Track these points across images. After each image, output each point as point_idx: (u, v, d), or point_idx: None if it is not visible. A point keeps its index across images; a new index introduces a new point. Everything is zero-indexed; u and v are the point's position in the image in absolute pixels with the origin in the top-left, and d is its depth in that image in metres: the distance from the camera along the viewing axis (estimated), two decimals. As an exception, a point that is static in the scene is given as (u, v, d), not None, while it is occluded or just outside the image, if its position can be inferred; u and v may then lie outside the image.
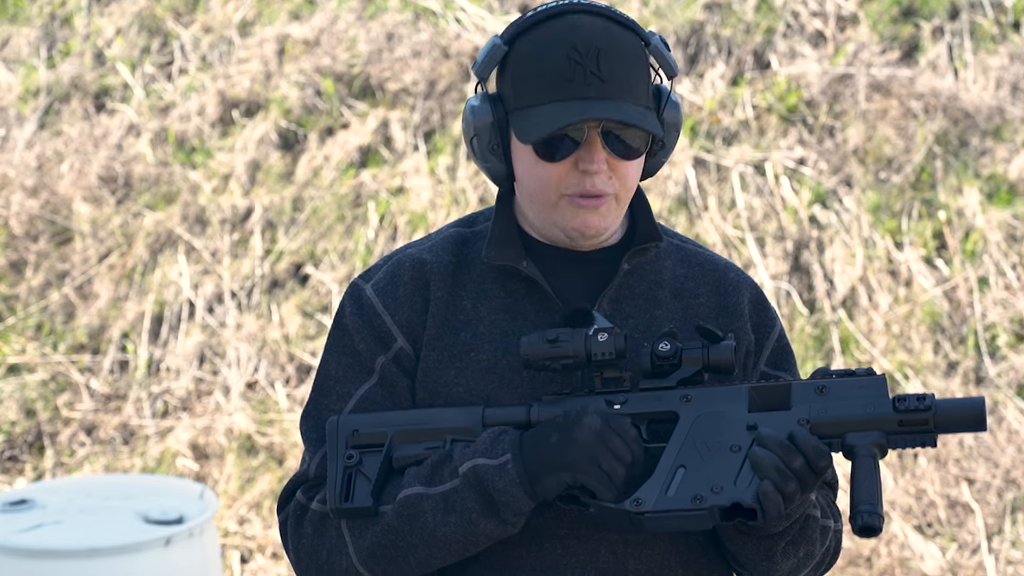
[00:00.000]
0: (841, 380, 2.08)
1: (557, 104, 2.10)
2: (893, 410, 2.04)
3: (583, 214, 2.16)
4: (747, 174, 6.62)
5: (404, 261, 2.24)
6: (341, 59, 7.41)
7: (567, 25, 2.12)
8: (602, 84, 2.09)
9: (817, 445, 2.03)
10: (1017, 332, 6.03)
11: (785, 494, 2.02)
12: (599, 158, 2.12)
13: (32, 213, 7.29)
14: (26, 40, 8.20)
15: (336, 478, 2.13)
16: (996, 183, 6.40)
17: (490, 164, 2.21)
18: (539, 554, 2.16)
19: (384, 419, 2.16)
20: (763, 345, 2.28)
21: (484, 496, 2.07)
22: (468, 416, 2.14)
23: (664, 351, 2.11)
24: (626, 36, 2.13)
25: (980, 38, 6.85)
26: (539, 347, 2.10)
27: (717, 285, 2.27)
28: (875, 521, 2.00)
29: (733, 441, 2.06)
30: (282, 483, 6.12)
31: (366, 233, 6.86)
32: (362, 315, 2.22)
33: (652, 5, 7.18)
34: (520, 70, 2.14)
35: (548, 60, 2.11)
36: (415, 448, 2.14)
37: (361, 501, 2.12)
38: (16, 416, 6.58)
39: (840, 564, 5.45)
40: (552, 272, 2.22)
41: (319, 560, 2.18)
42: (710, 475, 2.04)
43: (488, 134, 2.18)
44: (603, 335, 2.09)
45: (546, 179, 2.15)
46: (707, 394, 2.11)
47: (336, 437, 2.16)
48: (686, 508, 2.03)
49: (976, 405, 2.04)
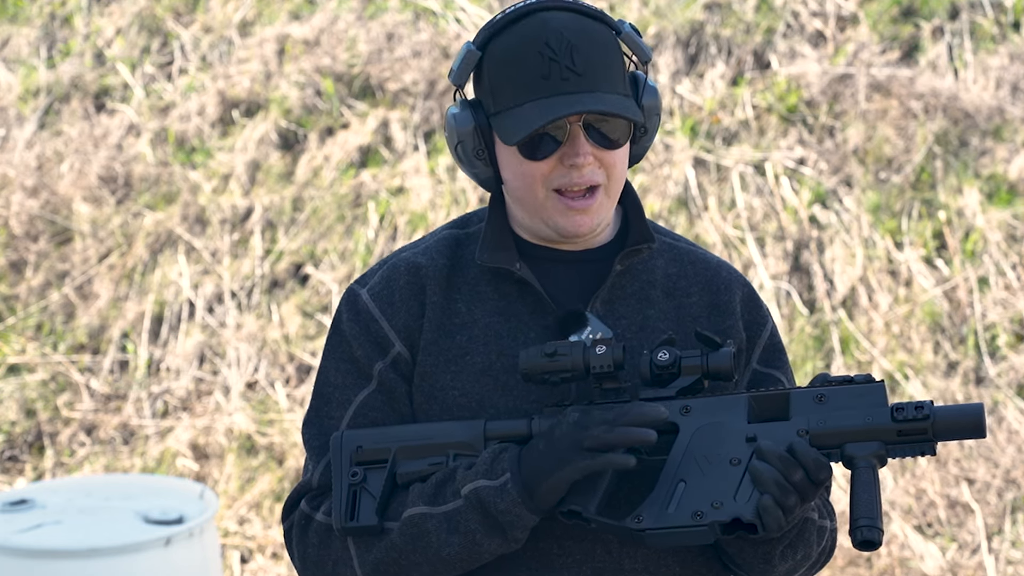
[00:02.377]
0: (840, 388, 2.07)
1: (535, 103, 2.11)
2: (892, 420, 2.03)
3: (573, 215, 2.17)
4: (747, 174, 6.62)
5: (399, 265, 2.25)
6: (341, 59, 7.41)
7: (538, 23, 2.13)
8: (578, 78, 2.11)
9: (817, 457, 2.02)
10: (1017, 332, 6.03)
11: (785, 507, 2.02)
12: (584, 151, 2.13)
13: (32, 213, 7.29)
14: (26, 40, 8.20)
15: (341, 496, 2.13)
16: (996, 183, 6.40)
17: (477, 169, 2.22)
18: (535, 553, 2.16)
19: (387, 435, 2.17)
20: (755, 343, 2.28)
21: (487, 517, 2.08)
22: (470, 430, 2.14)
23: (663, 360, 2.10)
24: (597, 27, 2.15)
25: (980, 38, 6.85)
26: (537, 361, 2.10)
27: (709, 284, 2.27)
28: (875, 535, 1.99)
29: (733, 454, 2.06)
30: (282, 483, 6.13)
31: (366, 233, 6.86)
32: (359, 321, 2.23)
33: (652, 5, 7.18)
34: (496, 73, 2.15)
35: (522, 60, 2.12)
36: (418, 464, 2.14)
37: (366, 520, 2.12)
38: (16, 416, 6.58)
39: (840, 564, 5.45)
40: (545, 274, 2.23)
41: (325, 570, 2.18)
42: (710, 489, 2.04)
43: (472, 140, 2.19)
44: (601, 347, 2.09)
45: (532, 177, 2.16)
46: (707, 404, 2.10)
47: (340, 453, 2.16)
48: (687, 524, 2.03)
49: (975, 412, 2.03)
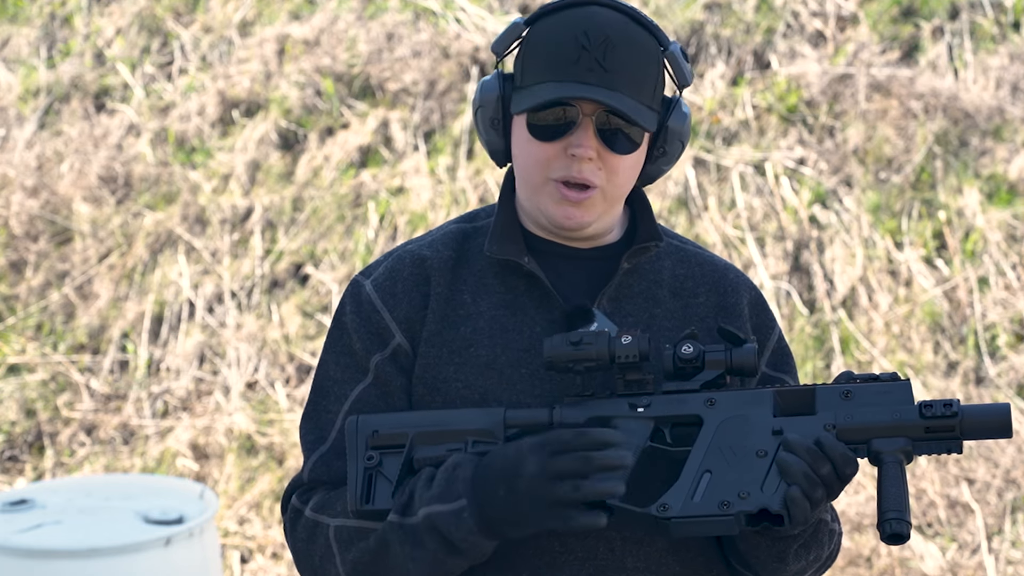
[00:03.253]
0: (866, 386, 2.07)
1: (556, 84, 2.11)
2: (920, 416, 2.03)
3: (566, 206, 2.16)
4: (747, 174, 6.62)
5: (404, 257, 2.24)
6: (341, 59, 7.41)
7: (586, 13, 2.14)
8: (604, 73, 2.10)
9: (844, 452, 2.02)
10: (1017, 332, 6.03)
11: (812, 500, 2.02)
12: (588, 144, 2.13)
13: (32, 213, 7.29)
14: (26, 40, 8.20)
15: (356, 479, 2.12)
16: (996, 183, 6.40)
17: (489, 137, 2.22)
18: (537, 550, 2.15)
19: (405, 420, 2.15)
20: (764, 346, 2.28)
21: (445, 541, 2.06)
22: (489, 417, 2.13)
23: (687, 353, 2.10)
24: (642, 34, 2.15)
25: (980, 38, 6.85)
26: (563, 349, 2.08)
27: (716, 285, 2.27)
28: (903, 528, 2.00)
29: (759, 446, 2.05)
30: (282, 483, 6.13)
31: (366, 233, 6.86)
32: (360, 312, 2.22)
33: (652, 5, 7.18)
34: (532, 51, 2.16)
35: (559, 43, 2.13)
36: (436, 449, 2.13)
37: (382, 503, 2.11)
38: (16, 416, 6.58)
39: (840, 564, 5.45)
40: (553, 269, 2.22)
41: (313, 564, 2.18)
42: (736, 480, 2.03)
43: (492, 108, 2.20)
44: (627, 337, 2.08)
45: (536, 158, 2.16)
46: (731, 398, 2.09)
47: (356, 437, 2.14)
48: (713, 513, 2.02)
49: (1003, 412, 2.03)
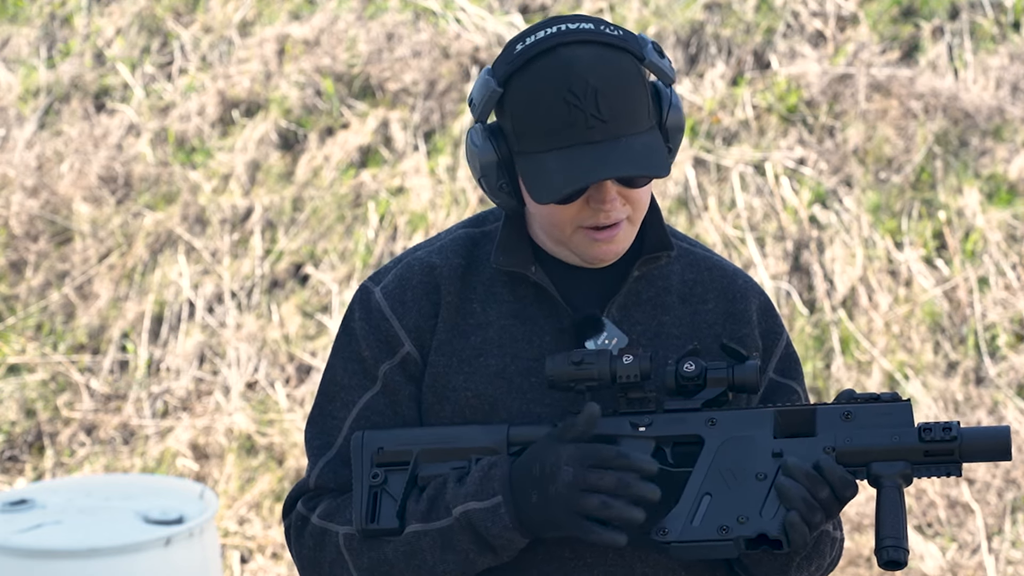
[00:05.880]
0: (867, 407, 2.07)
1: (561, 152, 2.07)
2: (919, 440, 2.04)
3: (600, 245, 2.15)
4: (747, 174, 6.62)
5: (414, 264, 2.23)
6: (341, 59, 7.41)
7: (560, 64, 2.07)
8: (604, 125, 2.06)
9: (843, 475, 2.03)
10: (1017, 332, 6.03)
11: (811, 524, 2.02)
12: (611, 197, 2.11)
13: (32, 213, 7.29)
14: (26, 40, 8.20)
15: (361, 498, 2.12)
16: (996, 183, 6.40)
17: (500, 200, 2.19)
18: (546, 556, 2.16)
19: (409, 437, 2.15)
20: (772, 352, 2.28)
21: (479, 538, 2.07)
22: (493, 435, 2.13)
23: (689, 371, 2.09)
24: (620, 61, 2.09)
25: (980, 38, 6.85)
26: (564, 368, 2.09)
27: (725, 291, 2.27)
28: (901, 556, 2.00)
29: (759, 469, 2.06)
30: (282, 484, 6.13)
31: (366, 233, 6.86)
32: (370, 320, 2.21)
33: (652, 5, 7.18)
34: (519, 114, 2.11)
35: (546, 106, 2.07)
36: (441, 467, 2.13)
37: (387, 522, 2.11)
38: (16, 416, 6.58)
39: (840, 564, 5.45)
40: (561, 278, 2.22)
41: (322, 571, 2.18)
42: (736, 504, 2.04)
43: (495, 174, 2.15)
44: (628, 357, 2.08)
45: (560, 219, 2.14)
46: (733, 418, 2.09)
47: (361, 454, 2.15)
48: (712, 538, 2.03)
49: (1002, 435, 2.04)
